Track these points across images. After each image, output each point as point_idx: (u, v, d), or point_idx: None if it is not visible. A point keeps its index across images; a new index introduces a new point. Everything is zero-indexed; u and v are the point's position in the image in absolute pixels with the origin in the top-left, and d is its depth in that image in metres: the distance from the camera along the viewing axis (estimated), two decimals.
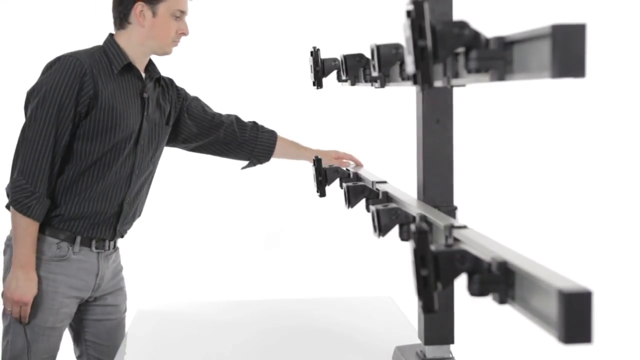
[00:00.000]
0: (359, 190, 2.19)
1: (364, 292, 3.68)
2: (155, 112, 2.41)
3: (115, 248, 2.44)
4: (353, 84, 2.38)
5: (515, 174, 4.36)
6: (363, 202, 2.21)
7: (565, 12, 3.71)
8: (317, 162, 2.52)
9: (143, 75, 2.37)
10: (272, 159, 2.68)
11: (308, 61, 2.49)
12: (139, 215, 2.49)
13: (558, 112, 4.33)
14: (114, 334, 2.49)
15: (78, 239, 2.30)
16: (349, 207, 2.20)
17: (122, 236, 2.45)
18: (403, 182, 2.18)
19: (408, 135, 2.17)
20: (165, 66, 2.59)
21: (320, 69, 2.45)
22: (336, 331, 2.49)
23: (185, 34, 2.36)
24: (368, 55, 2.19)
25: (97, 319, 2.45)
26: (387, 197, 2.05)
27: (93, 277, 2.36)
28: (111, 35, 2.36)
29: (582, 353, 1.70)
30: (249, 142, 2.61)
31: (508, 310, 1.25)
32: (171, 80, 2.53)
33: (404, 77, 1.83)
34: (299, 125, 4.21)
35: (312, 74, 2.48)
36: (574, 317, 1.04)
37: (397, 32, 1.55)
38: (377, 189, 2.15)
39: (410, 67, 1.41)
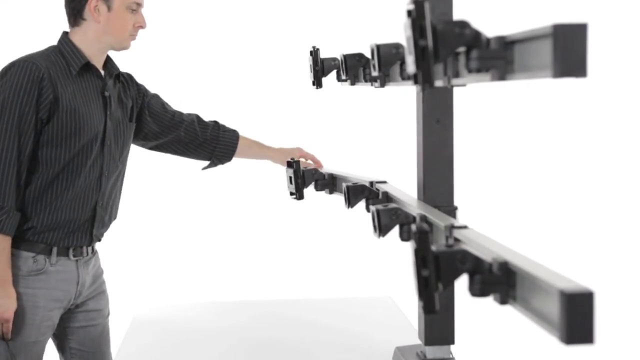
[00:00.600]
0: (359, 190, 2.18)
1: (364, 292, 3.68)
2: (118, 110, 2.33)
3: (93, 252, 2.35)
4: (353, 83, 2.37)
5: (516, 174, 4.36)
6: (363, 202, 2.21)
7: (566, 11, 3.71)
8: (295, 164, 2.49)
9: (102, 72, 2.29)
10: (235, 159, 2.62)
11: (307, 61, 2.49)
12: (115, 217, 2.41)
13: (559, 112, 4.33)
14: (99, 340, 2.40)
15: (54, 250, 2.21)
16: (348, 207, 2.20)
17: (99, 240, 2.36)
18: (403, 182, 2.17)
19: (408, 135, 2.17)
20: (165, 65, 2.59)
21: (320, 68, 2.44)
22: (336, 331, 2.49)
23: (142, 27, 2.27)
24: (368, 54, 2.19)
25: (80, 326, 2.36)
26: (387, 197, 2.05)
27: (74, 285, 2.27)
28: (65, 33, 2.26)
29: (583, 354, 1.70)
30: (210, 142, 2.55)
31: (509, 311, 1.24)
32: (130, 76, 2.45)
33: (404, 77, 1.83)
34: (298, 124, 4.20)
35: (312, 74, 2.47)
36: (576, 317, 1.04)
37: (398, 32, 1.54)
38: (377, 189, 2.15)
39: (410, 67, 1.41)
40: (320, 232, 4.36)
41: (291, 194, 2.56)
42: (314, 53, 2.44)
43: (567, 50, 1.10)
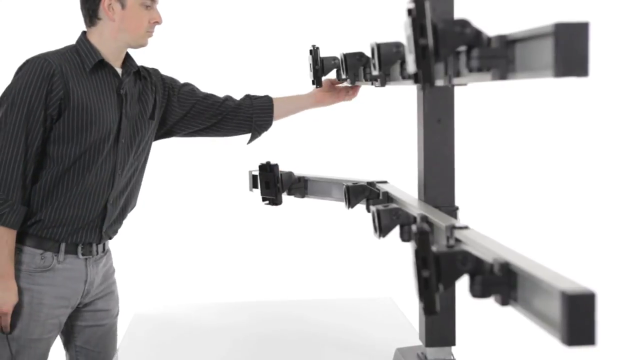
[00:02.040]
0: (359, 190, 2.17)
1: (365, 293, 3.67)
2: (136, 108, 2.33)
3: (105, 251, 2.35)
4: (353, 82, 2.37)
5: (518, 174, 4.35)
6: (364, 202, 2.20)
7: (568, 10, 3.70)
8: (273, 168, 2.45)
9: (119, 70, 2.29)
10: (277, 123, 2.60)
11: (307, 60, 2.48)
12: (132, 209, 2.41)
13: (560, 112, 4.32)
14: (105, 340, 2.41)
15: (62, 246, 2.22)
16: (349, 207, 2.19)
17: (110, 238, 2.36)
18: (404, 182, 2.16)
19: (409, 135, 2.16)
20: (166, 63, 2.58)
21: (320, 67, 2.43)
22: (336, 333, 2.48)
23: (158, 22, 2.28)
24: (368, 53, 2.18)
25: (87, 325, 2.37)
26: (388, 198, 2.04)
27: (81, 284, 2.27)
28: (84, 33, 2.28)
29: (585, 355, 1.68)
30: (246, 112, 2.53)
31: (510, 312, 1.24)
32: (156, 71, 2.45)
33: (404, 76, 1.82)
34: (298, 124, 4.19)
35: (312, 73, 2.46)
36: (577, 318, 1.04)
37: (398, 31, 1.54)
38: (377, 189, 2.14)
39: (411, 66, 1.41)
40: (320, 233, 4.35)
41: (264, 199, 2.49)
42: (314, 52, 2.43)
43: (569, 49, 1.09)
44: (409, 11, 1.34)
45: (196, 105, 2.48)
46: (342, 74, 2.31)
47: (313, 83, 2.47)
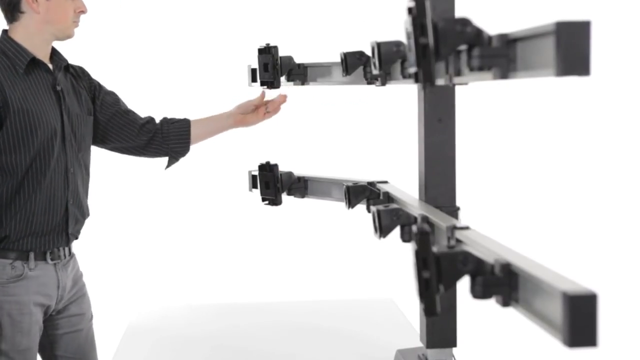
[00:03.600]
0: (359, 190, 2.17)
1: (365, 294, 3.66)
2: (74, 103, 2.27)
3: (70, 255, 2.30)
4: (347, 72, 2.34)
5: (519, 174, 4.34)
6: (364, 202, 2.19)
7: (569, 9, 3.69)
8: (272, 167, 2.40)
9: (50, 66, 2.22)
10: (196, 146, 2.53)
11: (258, 60, 2.44)
12: (89, 213, 2.36)
13: (562, 111, 4.31)
14: (84, 346, 2.37)
15: (31, 254, 2.17)
16: (349, 207, 2.18)
17: (76, 238, 2.32)
18: (404, 182, 2.16)
19: (409, 134, 2.15)
20: (164, 65, 2.57)
21: (279, 66, 2.40)
22: (337, 334, 2.47)
23: (83, 11, 2.22)
24: (369, 52, 2.17)
25: (64, 333, 2.32)
26: (389, 198, 2.04)
27: (55, 289, 2.23)
28: (4, 31, 2.19)
29: (587, 356, 1.68)
30: (164, 136, 2.45)
31: (511, 313, 1.23)
32: (82, 69, 2.38)
33: (405, 75, 1.82)
34: (298, 124, 4.19)
35: (269, 74, 2.42)
36: (579, 320, 1.03)
37: (399, 29, 1.53)
38: (378, 189, 2.13)
39: (411, 65, 1.40)
40: (320, 233, 4.35)
41: (264, 199, 2.47)
42: (272, 50, 2.38)
43: (570, 48, 1.09)
44: (410, 10, 1.34)
45: (116, 117, 2.40)
46: (343, 73, 2.30)
47: (262, 84, 2.39)
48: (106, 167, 2.89)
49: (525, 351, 3.58)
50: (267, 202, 2.48)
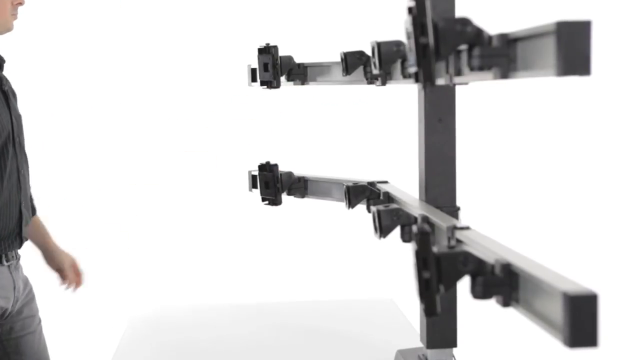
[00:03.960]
0: (359, 190, 2.16)
1: (365, 294, 3.66)
2: (14, 102, 2.21)
3: (19, 256, 2.27)
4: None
5: (519, 174, 4.34)
6: (364, 202, 2.19)
7: (570, 8, 3.69)
8: (272, 167, 2.39)
9: None
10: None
11: (258, 59, 2.43)
12: (35, 213, 2.33)
13: (562, 111, 4.31)
14: (39, 348, 2.34)
15: None
16: (349, 207, 2.18)
17: (26, 239, 2.27)
18: (405, 182, 2.15)
19: (410, 134, 2.15)
20: (163, 65, 2.57)
21: (279, 66, 2.39)
22: (337, 334, 2.47)
23: (21, 3, 2.15)
24: (369, 52, 2.16)
25: (19, 336, 2.28)
26: (389, 198, 2.03)
27: (11, 291, 2.20)
28: None
29: (588, 357, 1.67)
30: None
31: (512, 313, 1.23)
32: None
33: (405, 75, 1.81)
34: (299, 124, 4.19)
35: (269, 73, 2.41)
36: (580, 320, 1.03)
37: (399, 29, 1.53)
38: (378, 189, 2.13)
39: (411, 65, 1.40)
40: (320, 233, 4.35)
41: (264, 199, 2.46)
42: (272, 49, 2.37)
43: (571, 48, 1.08)
44: (410, 9, 1.33)
45: None
46: (343, 72, 2.30)
47: (262, 84, 2.36)
48: (106, 167, 2.89)
49: (525, 351, 3.58)
50: (267, 202, 2.47)
